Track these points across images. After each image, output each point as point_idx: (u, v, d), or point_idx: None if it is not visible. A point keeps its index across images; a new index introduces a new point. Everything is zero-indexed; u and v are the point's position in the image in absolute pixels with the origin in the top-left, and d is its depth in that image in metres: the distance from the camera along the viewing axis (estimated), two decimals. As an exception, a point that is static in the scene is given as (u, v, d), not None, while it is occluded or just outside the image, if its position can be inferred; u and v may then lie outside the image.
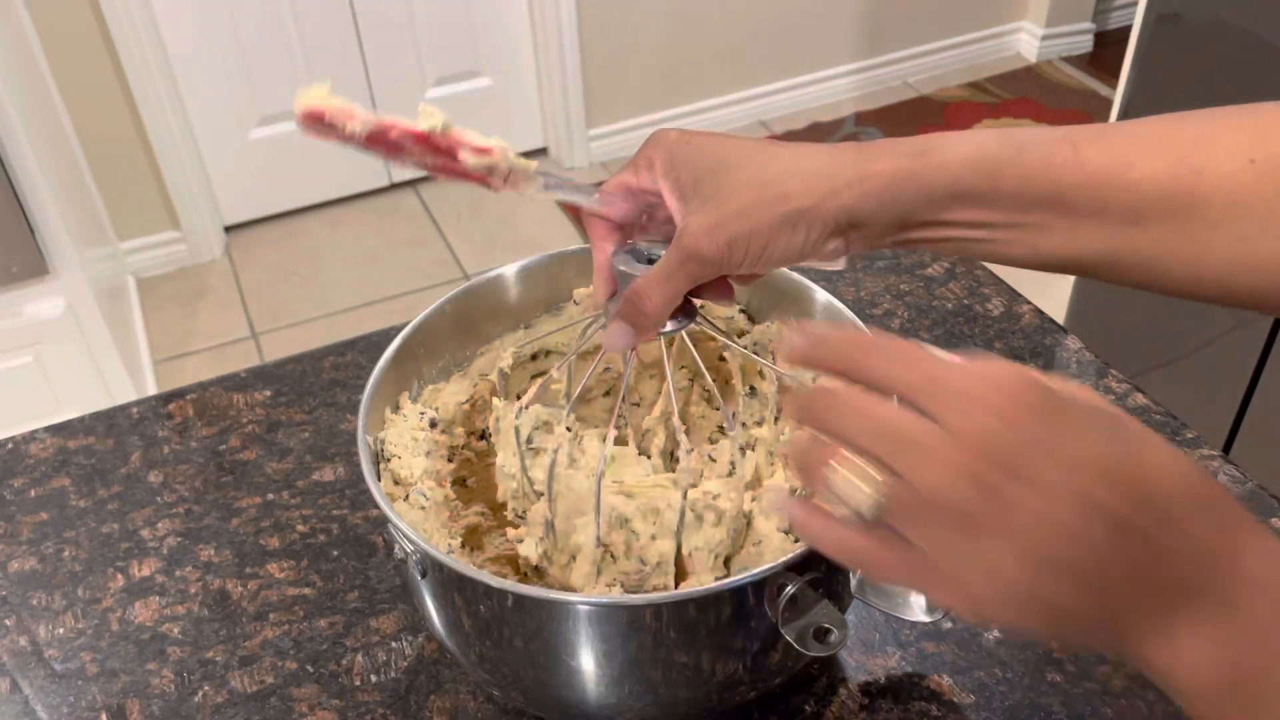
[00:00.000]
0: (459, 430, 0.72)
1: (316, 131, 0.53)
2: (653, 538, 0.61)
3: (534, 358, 0.75)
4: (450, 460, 0.71)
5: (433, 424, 0.70)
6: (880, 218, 0.53)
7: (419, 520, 0.65)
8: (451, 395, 0.73)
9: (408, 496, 0.66)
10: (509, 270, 0.75)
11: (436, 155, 0.55)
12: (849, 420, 0.39)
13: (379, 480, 0.64)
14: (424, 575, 0.60)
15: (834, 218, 0.53)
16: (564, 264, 0.75)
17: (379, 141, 0.54)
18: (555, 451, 0.62)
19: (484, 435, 0.73)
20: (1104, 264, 0.53)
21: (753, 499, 0.64)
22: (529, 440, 0.65)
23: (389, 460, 0.67)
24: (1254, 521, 0.36)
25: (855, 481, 0.39)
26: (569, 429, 0.64)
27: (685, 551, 0.61)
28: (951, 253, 0.56)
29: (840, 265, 0.58)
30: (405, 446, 0.68)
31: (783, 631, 0.56)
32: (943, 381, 0.38)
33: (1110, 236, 0.52)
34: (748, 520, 0.63)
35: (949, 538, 0.37)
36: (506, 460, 0.65)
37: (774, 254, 0.54)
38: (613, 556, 0.61)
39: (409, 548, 0.59)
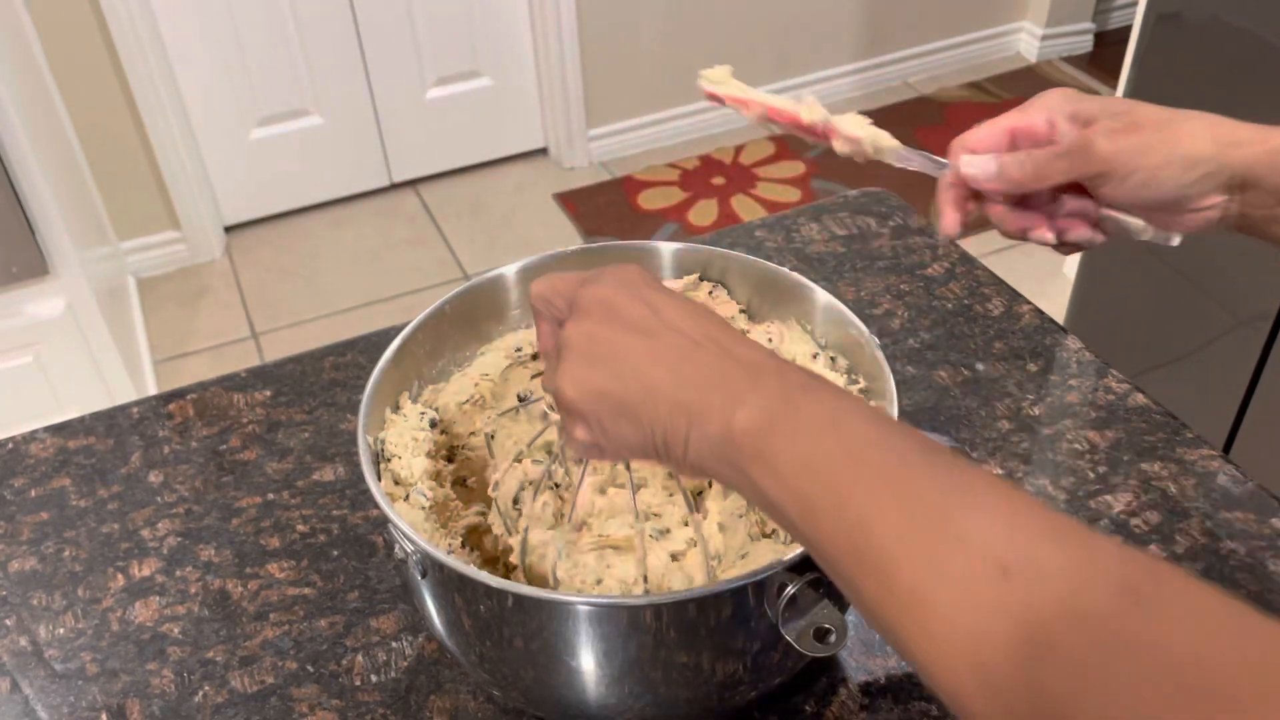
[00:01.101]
0: (459, 430, 0.72)
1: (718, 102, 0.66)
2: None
3: (535, 357, 0.75)
4: (450, 460, 0.71)
5: (433, 424, 0.70)
6: (1270, 183, 0.59)
7: (419, 520, 0.65)
8: (451, 395, 0.73)
9: (408, 496, 0.66)
10: (509, 270, 0.75)
11: (814, 136, 0.66)
12: (541, 299, 0.54)
13: (379, 480, 0.64)
14: (424, 575, 0.60)
15: (1231, 169, 0.59)
16: (564, 264, 0.75)
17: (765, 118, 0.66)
18: (525, 531, 0.64)
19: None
20: None
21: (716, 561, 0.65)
22: (515, 501, 0.66)
23: (389, 460, 0.67)
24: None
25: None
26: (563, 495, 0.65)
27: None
28: None
29: (1175, 241, 0.63)
30: (405, 446, 0.68)
31: (783, 631, 0.56)
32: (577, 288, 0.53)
33: None
34: (718, 561, 0.64)
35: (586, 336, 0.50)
36: (494, 520, 0.67)
37: (1161, 183, 0.60)
38: None
39: (409, 548, 0.59)
